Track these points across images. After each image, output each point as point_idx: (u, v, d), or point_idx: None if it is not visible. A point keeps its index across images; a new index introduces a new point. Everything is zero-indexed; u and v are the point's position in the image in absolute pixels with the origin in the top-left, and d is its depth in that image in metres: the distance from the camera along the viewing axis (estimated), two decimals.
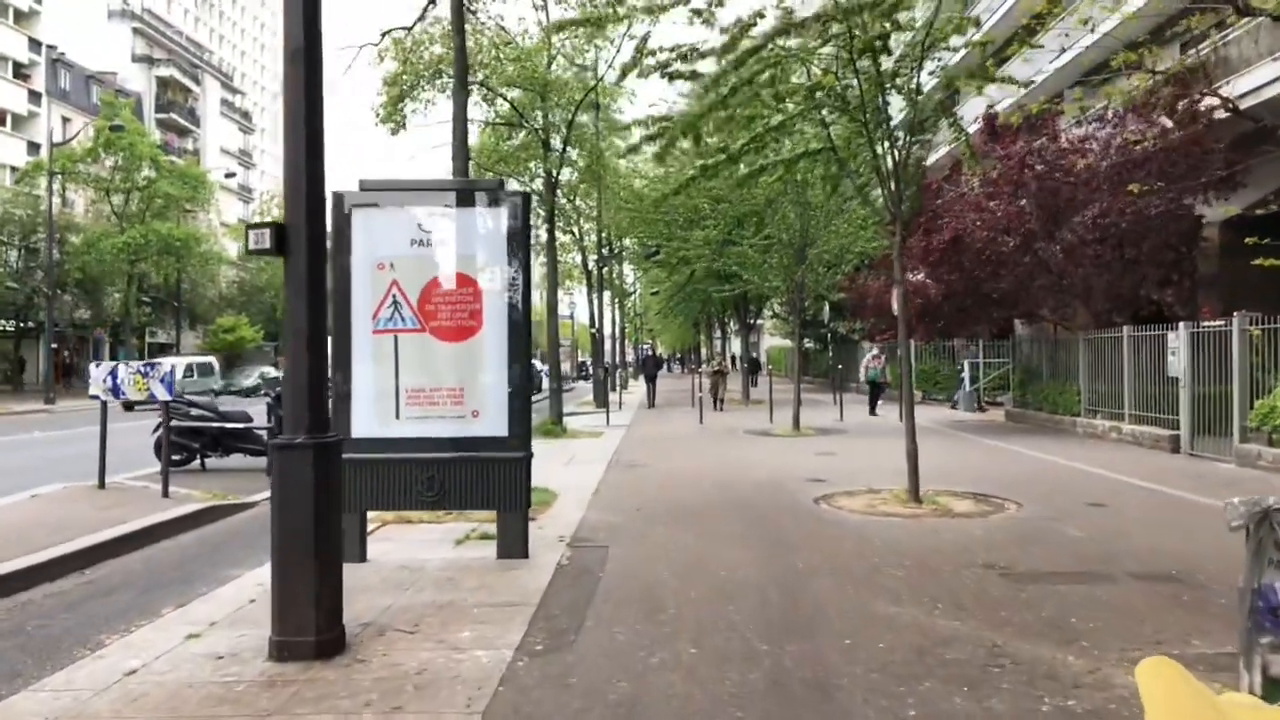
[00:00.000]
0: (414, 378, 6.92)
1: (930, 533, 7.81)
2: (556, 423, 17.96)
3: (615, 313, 43.71)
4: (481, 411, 6.92)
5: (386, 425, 6.90)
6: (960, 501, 9.54)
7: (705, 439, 17.00)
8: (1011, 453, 13.98)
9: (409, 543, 7.69)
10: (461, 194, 7.16)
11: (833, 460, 13.23)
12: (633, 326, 62.73)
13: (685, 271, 29.89)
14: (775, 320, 39.67)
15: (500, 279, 6.96)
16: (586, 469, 12.50)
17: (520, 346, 6.98)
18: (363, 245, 6.93)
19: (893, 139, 9.47)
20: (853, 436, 16.95)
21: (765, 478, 11.38)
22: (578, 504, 9.55)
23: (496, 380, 6.94)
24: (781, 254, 17.67)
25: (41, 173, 36.75)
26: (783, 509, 9.08)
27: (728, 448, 15.32)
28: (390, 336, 6.91)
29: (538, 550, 7.18)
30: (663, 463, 13.21)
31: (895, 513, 8.88)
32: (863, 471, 11.80)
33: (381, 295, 6.90)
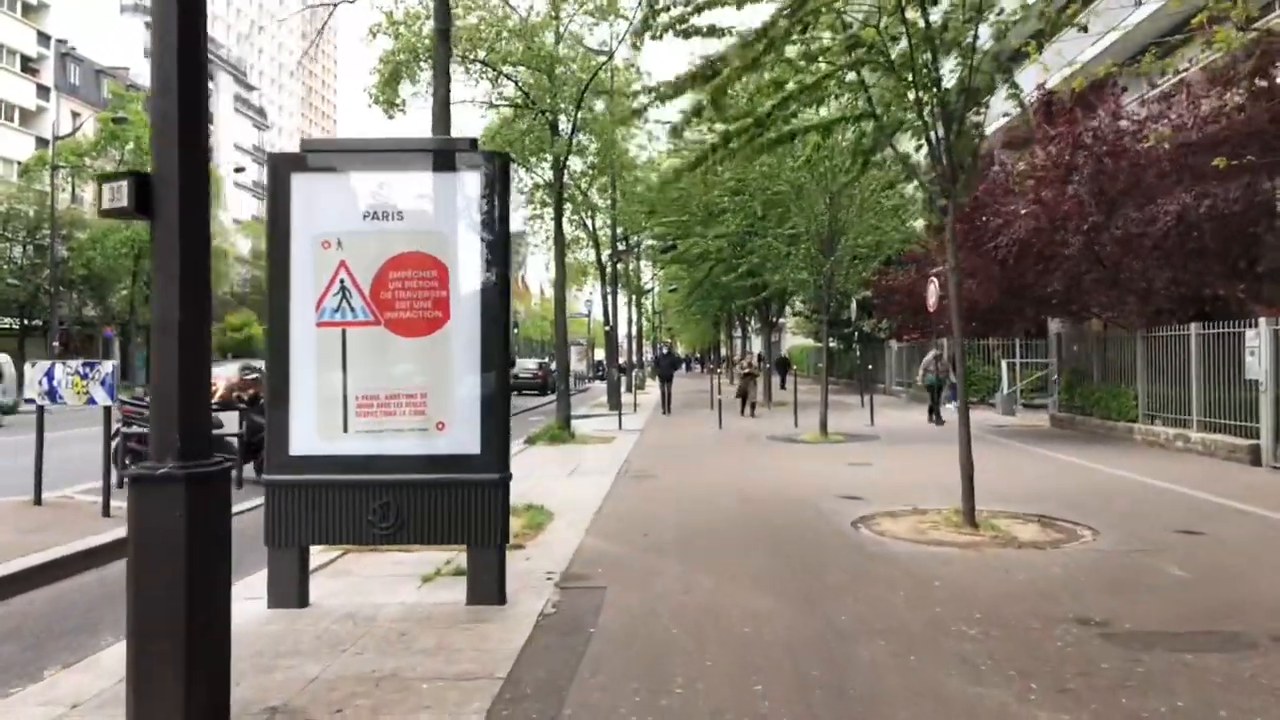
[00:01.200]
0: (366, 381, 5.63)
1: (998, 571, 6.42)
2: (564, 427, 16.66)
3: (632, 310, 42.36)
4: (449, 423, 5.62)
5: (331, 440, 5.60)
6: (1023, 526, 8.14)
7: (724, 446, 15.63)
8: (1065, 463, 12.54)
9: (367, 579, 6.40)
10: (425, 156, 5.84)
11: (868, 472, 11.84)
12: (651, 325, 61.43)
13: (704, 267, 28.56)
14: (798, 319, 38.15)
15: (473, 259, 5.65)
16: (591, 481, 11.18)
17: (497, 342, 5.67)
18: (304, 218, 5.64)
19: (945, 103, 8.08)
20: (886, 444, 15.54)
21: (793, 493, 10.01)
22: (576, 527, 8.23)
23: (468, 384, 5.63)
24: (809, 245, 16.26)
25: (45, 167, 35.87)
26: (816, 535, 7.71)
27: (749, 456, 13.95)
28: (337, 330, 5.62)
29: (519, 592, 5.87)
30: (677, 474, 11.86)
31: (949, 541, 7.49)
32: (903, 486, 10.41)
33: (327, 280, 5.61)
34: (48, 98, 47.41)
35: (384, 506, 5.55)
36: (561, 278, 17.22)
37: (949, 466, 12.44)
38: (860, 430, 17.83)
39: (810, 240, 16.23)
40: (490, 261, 5.66)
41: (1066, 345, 18.76)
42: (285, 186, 5.64)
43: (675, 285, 42.33)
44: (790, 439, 16.48)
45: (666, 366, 26.83)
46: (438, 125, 8.11)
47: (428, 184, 5.75)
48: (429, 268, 5.63)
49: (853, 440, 16.07)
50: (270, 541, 5.58)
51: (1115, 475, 11.25)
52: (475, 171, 5.68)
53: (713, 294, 31.51)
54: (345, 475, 5.59)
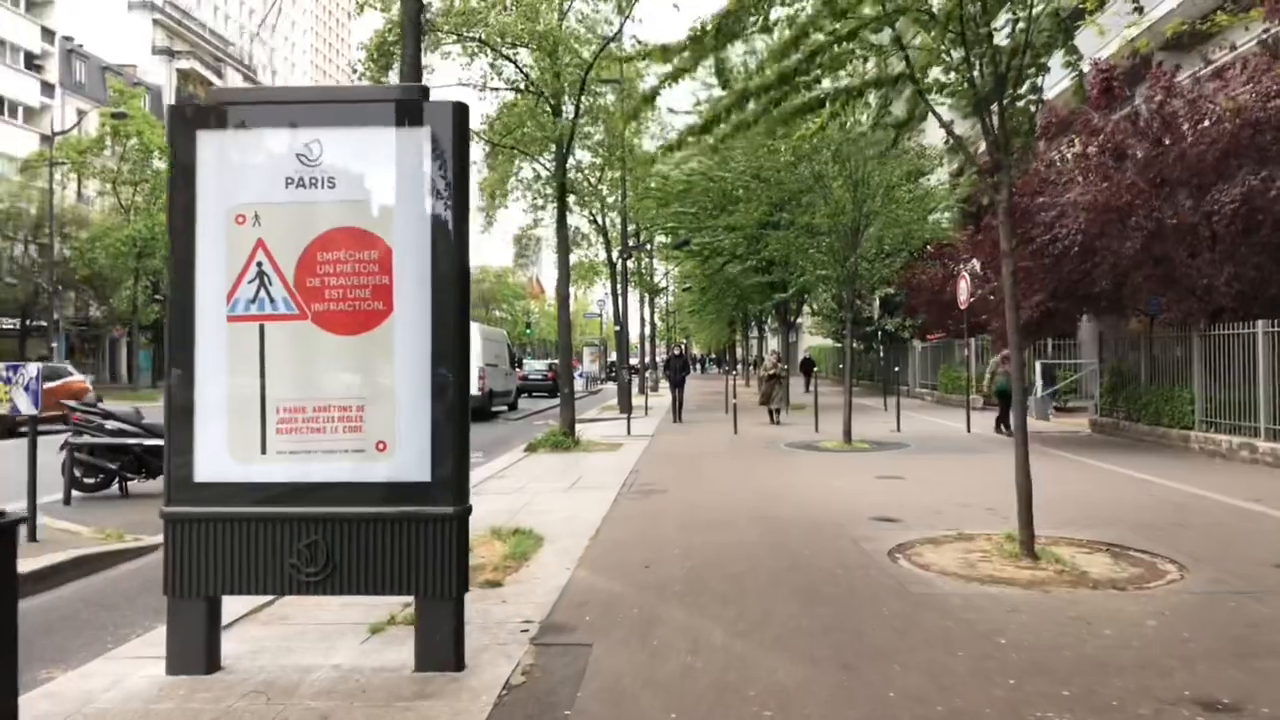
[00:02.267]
0: (289, 390, 4.49)
1: (1077, 624, 5.21)
2: (567, 433, 15.51)
3: (645, 310, 41.19)
4: (391, 443, 4.47)
5: (247, 463, 4.47)
6: (1090, 557, 6.92)
7: (740, 455, 14.43)
8: (1118, 476, 11.27)
9: (304, 628, 5.26)
10: (364, 109, 4.69)
11: (900, 488, 10.62)
12: (665, 325, 60.25)
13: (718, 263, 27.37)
14: (817, 318, 36.87)
15: (423, 236, 4.50)
16: (591, 498, 10.01)
17: (453, 340, 4.51)
18: (213, 187, 4.51)
19: (996, 61, 6.88)
20: (916, 453, 14.29)
21: (819, 514, 8.81)
22: (567, 556, 7.06)
23: (416, 394, 4.48)
24: (832, 238, 15.04)
25: (44, 163, 35.10)
26: (848, 571, 6.51)
27: (767, 467, 12.75)
28: (253, 326, 4.48)
29: (483, 652, 4.72)
30: (687, 489, 10.68)
31: (1007, 578, 6.29)
32: (942, 505, 9.20)
33: (241, 263, 4.48)
34: (52, 95, 46.71)
35: (311, 547, 4.42)
36: (565, 273, 16.07)
37: (990, 480, 11.26)
38: (886, 437, 16.59)
39: (833, 233, 15.01)
40: (445, 238, 4.51)
41: (1109, 345, 17.43)
42: (189, 146, 4.51)
43: (689, 283, 41.18)
44: (811, 446, 15.26)
45: (677, 370, 24.00)
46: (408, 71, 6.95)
47: (367, 142, 4.59)
48: (368, 247, 4.49)
49: (879, 449, 14.83)
50: (170, 590, 4.45)
51: (1180, 491, 9.98)
52: (426, 127, 4.53)
53: (727, 292, 30.33)
54: (263, 507, 4.45)
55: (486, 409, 23.75)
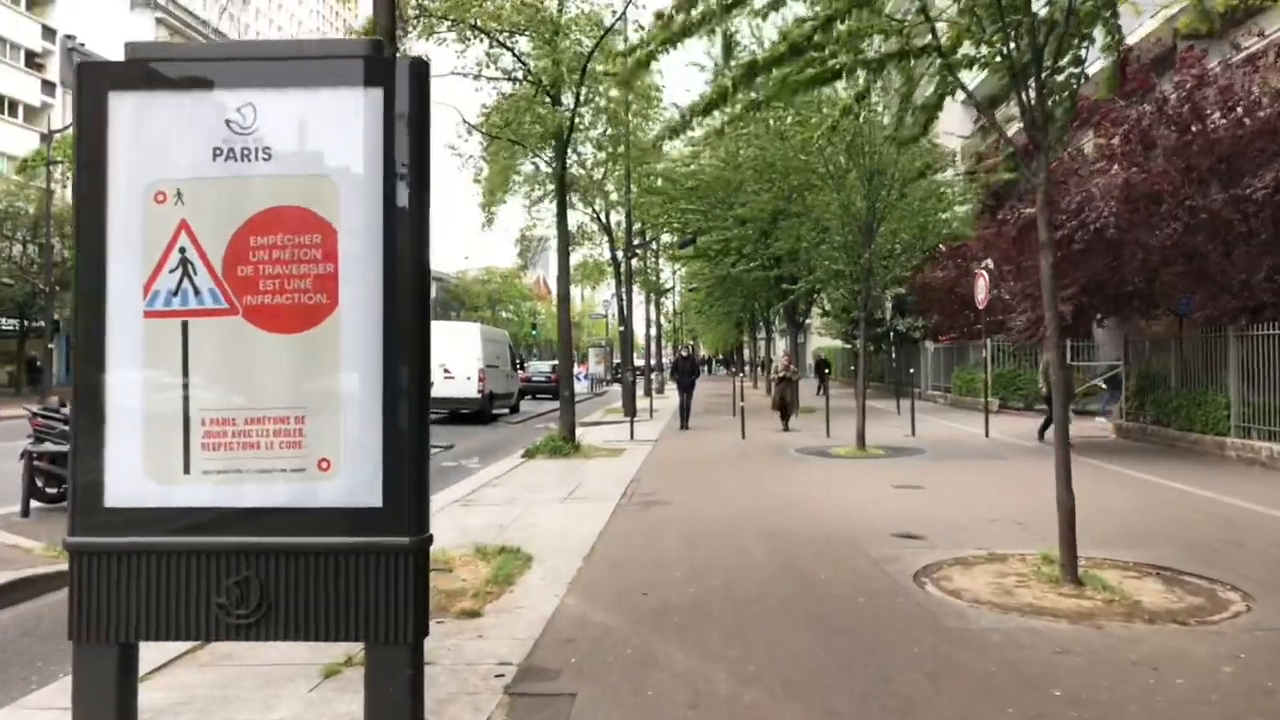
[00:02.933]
0: (217, 398, 3.80)
1: (1141, 669, 4.49)
2: (567, 439, 14.82)
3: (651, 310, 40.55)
4: (337, 460, 3.78)
5: (167, 484, 3.78)
6: (1141, 583, 6.20)
7: (748, 461, 13.71)
8: (1154, 486, 10.54)
9: (247, 671, 4.58)
10: (306, 67, 4.00)
11: (920, 499, 9.90)
12: (671, 326, 59.55)
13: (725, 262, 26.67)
14: (826, 319, 36.13)
15: (374, 218, 3.81)
16: (588, 510, 9.31)
17: (412, 340, 3.82)
18: (129, 158, 3.82)
19: (1035, 31, 6.18)
20: (934, 460, 13.55)
21: (834, 529, 8.10)
22: (557, 579, 6.37)
23: (366, 403, 3.79)
24: (845, 232, 14.31)
25: (42, 162, 34.58)
26: (870, 598, 5.80)
27: (777, 475, 12.03)
28: (174, 322, 3.80)
29: (449, 704, 4.04)
30: (691, 499, 9.98)
31: (1050, 608, 5.57)
32: (968, 520, 8.48)
33: (161, 248, 3.79)
34: (53, 93, 46.26)
35: (242, 585, 3.73)
36: (565, 272, 15.38)
37: (1017, 491, 10.55)
38: (901, 442, 15.86)
39: (846, 228, 14.28)
40: (402, 220, 3.82)
41: (1135, 347, 16.67)
42: (100, 111, 3.83)
43: (696, 284, 40.50)
44: (823, 452, 14.54)
45: (686, 372, 21.74)
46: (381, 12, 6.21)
47: (310, 107, 3.90)
48: (310, 230, 3.79)
49: (895, 455, 14.10)
50: (75, 634, 3.76)
51: (1225, 504, 9.24)
52: (379, 89, 3.84)
53: (735, 292, 29.64)
54: (186, 537, 3.76)
55: (487, 412, 23.11)
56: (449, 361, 22.35)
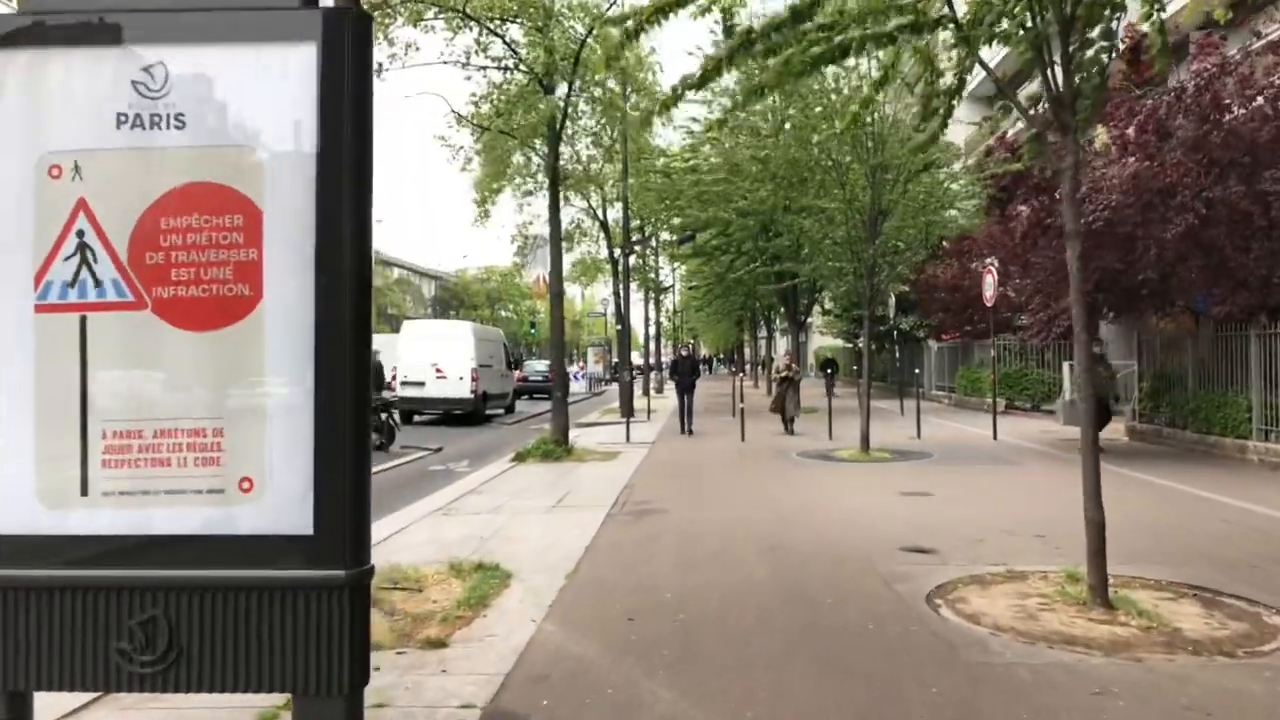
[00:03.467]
0: (121, 406, 3.25)
1: (1193, 714, 3.93)
2: (560, 442, 14.25)
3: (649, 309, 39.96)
4: (261, 480, 3.23)
5: (61, 508, 3.22)
6: (1178, 606, 5.64)
7: (748, 466, 13.15)
8: (1176, 493, 9.98)
9: (169, 716, 4.03)
10: (225, 17, 3.43)
11: (930, 507, 9.34)
12: (671, 325, 58.99)
13: (724, 260, 26.12)
14: (827, 318, 35.56)
15: (305, 196, 3.25)
16: (577, 520, 8.75)
17: (347, 336, 3.26)
18: (18, 125, 3.28)
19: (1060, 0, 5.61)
20: (941, 464, 12.98)
21: (840, 542, 7.54)
22: (535, 602, 5.81)
23: (295, 413, 3.23)
24: (849, 227, 13.73)
25: None
26: (881, 626, 5.24)
27: (779, 482, 11.47)
28: (72, 318, 3.24)
29: None
30: (687, 508, 9.41)
31: (1082, 636, 5.01)
32: (981, 530, 7.92)
33: (56, 232, 3.24)
34: None
35: (147, 626, 3.18)
36: (558, 267, 14.80)
37: (1032, 498, 9.99)
38: (906, 445, 15.29)
39: (850, 223, 13.71)
40: (338, 200, 3.26)
41: (1148, 346, 16.10)
42: None
43: (696, 282, 39.94)
44: (826, 456, 13.98)
45: (686, 372, 19.64)
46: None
47: (230, 66, 3.34)
48: (230, 210, 3.24)
49: (900, 458, 13.54)
50: None
51: (1256, 514, 8.68)
52: (311, 44, 3.28)
53: (735, 290, 29.09)
54: (83, 570, 3.21)
55: (480, 412, 22.53)
56: (441, 361, 21.81)
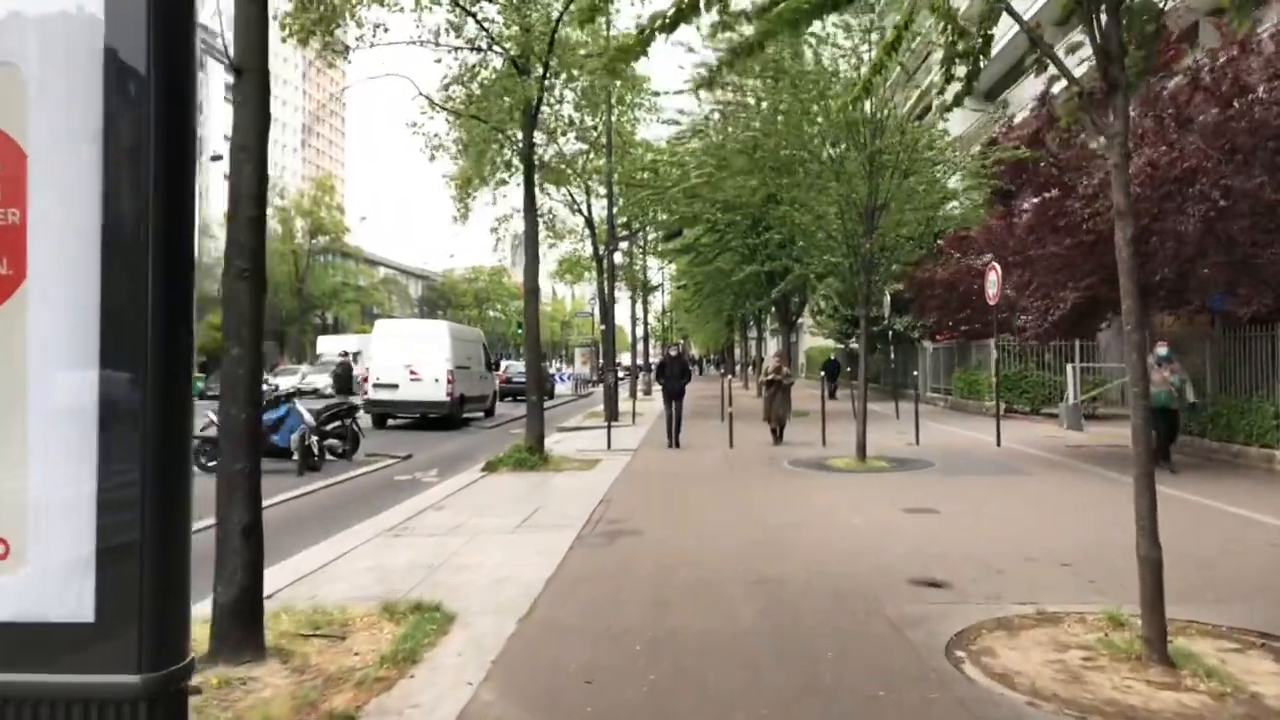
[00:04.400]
0: None
1: None
2: (534, 449, 13.26)
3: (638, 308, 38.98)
4: (14, 543, 2.23)
5: None
6: (1248, 661, 4.69)
7: (736, 476, 12.17)
8: (1210, 510, 9.05)
9: None
10: None
11: (937, 527, 8.38)
12: (661, 325, 58.01)
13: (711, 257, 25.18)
14: (820, 318, 34.62)
15: (90, 141, 2.25)
16: (541, 544, 7.75)
17: (153, 329, 2.26)
18: None
19: None
20: (945, 475, 12.03)
21: (839, 573, 6.57)
22: (477, 656, 4.81)
23: (69, 437, 2.24)
24: (845, 219, 12.77)
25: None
26: (894, 692, 4.26)
27: (770, 495, 10.49)
28: None
29: None
30: (666, 529, 8.43)
31: (1143, 707, 4.06)
32: (999, 555, 6.97)
33: None
34: None
35: None
36: (534, 262, 13.78)
37: (1048, 516, 9.03)
38: (905, 452, 14.36)
39: (846, 215, 12.75)
40: (140, 138, 2.26)
41: None
42: None
43: (684, 281, 38.99)
44: (820, 465, 13.02)
45: (675, 376, 16.33)
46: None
47: None
48: None
49: (900, 468, 12.59)
50: None
51: None
52: None
53: (723, 289, 28.15)
54: None
55: (457, 416, 21.49)
56: (415, 362, 20.77)
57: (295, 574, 6.69)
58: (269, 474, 13.16)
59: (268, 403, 14.10)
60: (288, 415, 13.27)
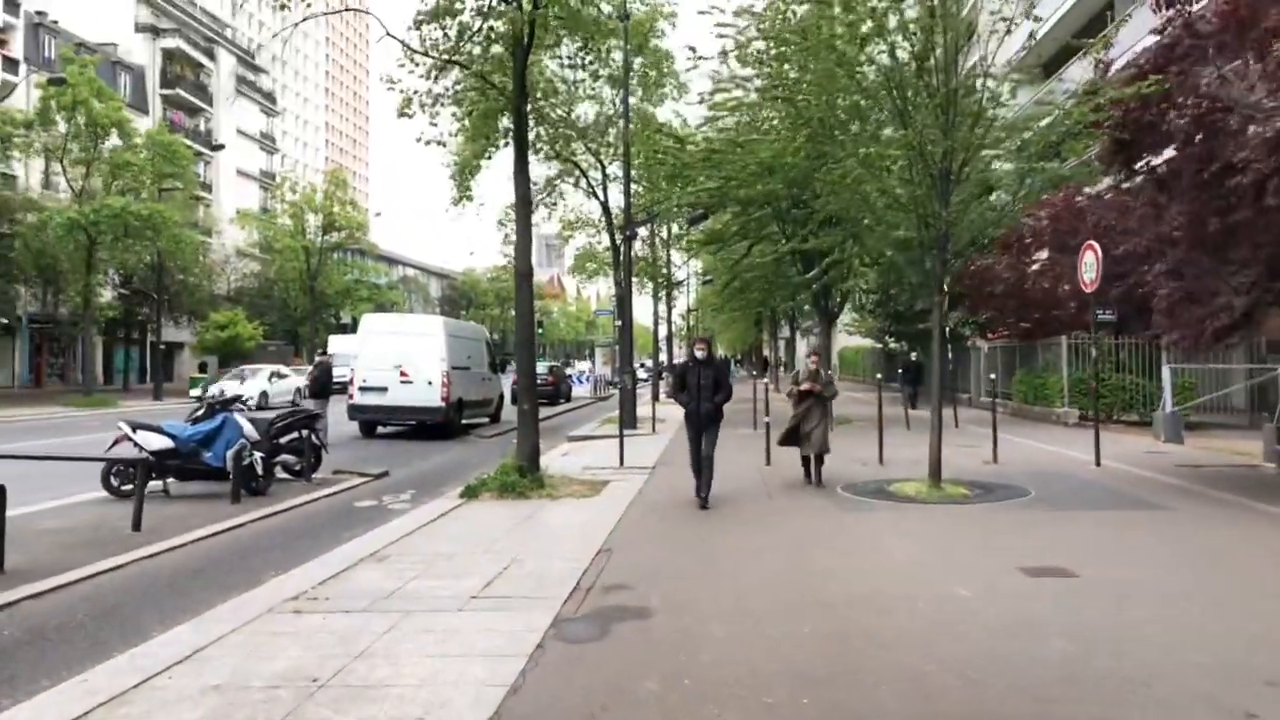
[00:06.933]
0: None
1: None
2: (526, 469, 10.71)
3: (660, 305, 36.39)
4: None
5: None
6: None
7: (777, 511, 9.47)
8: None
9: None
10: None
11: (1083, 602, 5.71)
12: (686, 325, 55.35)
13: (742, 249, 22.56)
14: (859, 313, 31.81)
15: None
16: (496, 636, 5.14)
17: None
18: None
19: None
20: (1051, 507, 9.31)
21: (959, 712, 3.94)
22: None
23: None
24: (915, 184, 10.09)
25: None
26: None
27: (826, 546, 7.78)
28: None
29: None
30: (685, 603, 5.79)
31: None
32: (1212, 669, 4.32)
33: None
34: (16, 71, 42.56)
35: None
36: (525, 240, 11.19)
37: (1235, 585, 6.25)
38: (984, 473, 11.67)
39: (917, 176, 10.07)
40: None
41: None
42: None
43: (711, 277, 36.34)
44: (884, 491, 10.34)
45: (706, 386, 9.56)
46: None
47: None
48: None
49: (986, 495, 9.91)
50: None
51: None
52: None
53: (752, 286, 25.49)
54: None
55: (454, 423, 18.83)
56: (406, 362, 18.21)
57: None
58: (197, 500, 10.97)
59: (200, 414, 11.66)
60: (223, 427, 10.77)
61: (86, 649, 5.40)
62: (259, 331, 46.21)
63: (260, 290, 53.60)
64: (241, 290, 52.52)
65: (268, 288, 53.07)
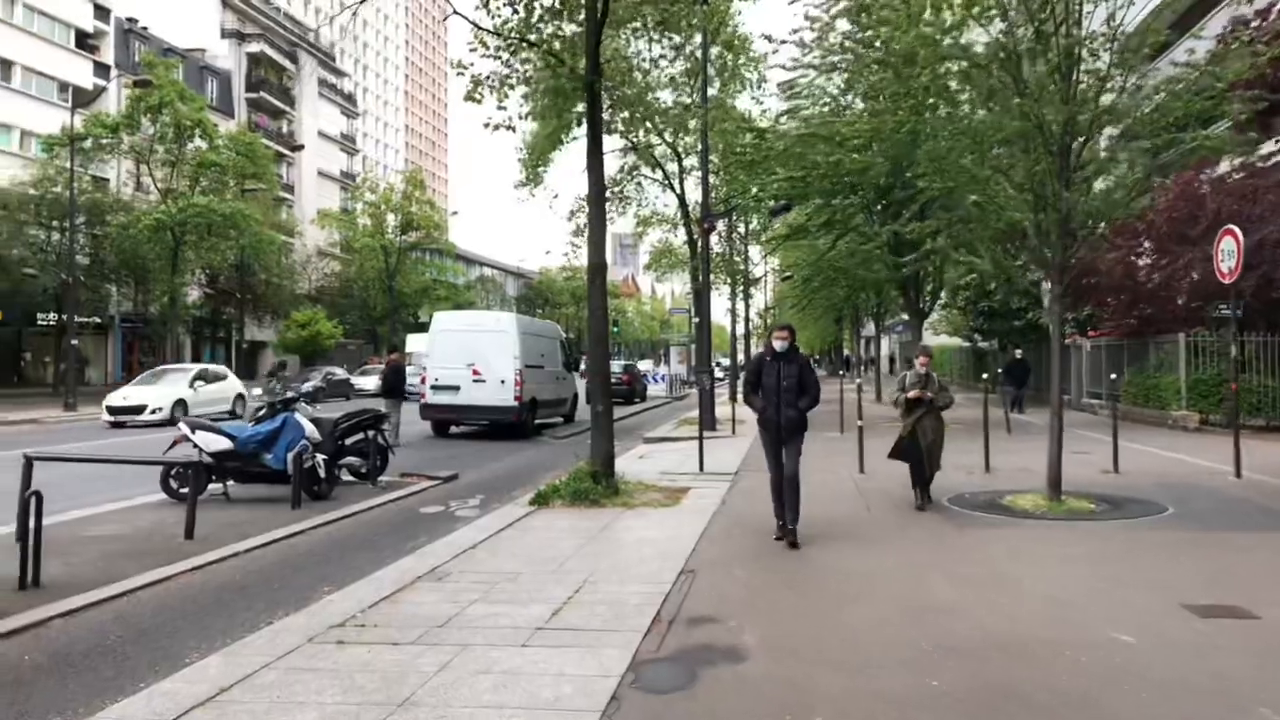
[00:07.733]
0: None
1: None
2: (600, 475, 9.96)
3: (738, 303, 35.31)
4: None
5: None
6: None
7: (879, 527, 8.50)
8: None
9: None
10: None
11: (1267, 648, 4.67)
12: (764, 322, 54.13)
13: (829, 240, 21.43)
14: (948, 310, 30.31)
15: None
16: (564, 681, 4.37)
17: None
18: None
19: None
20: (1196, 527, 8.16)
21: None
22: None
23: None
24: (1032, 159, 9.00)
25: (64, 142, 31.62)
26: None
27: (944, 571, 6.78)
28: None
29: None
30: (785, 644, 4.93)
31: None
32: None
33: None
34: (107, 76, 43.76)
35: None
36: (600, 232, 10.43)
37: None
38: (1106, 484, 10.51)
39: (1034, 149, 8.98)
40: None
41: None
42: None
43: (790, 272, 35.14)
44: (996, 504, 9.29)
45: (789, 389, 7.54)
46: None
47: None
48: None
49: (1114, 511, 8.78)
50: None
51: None
52: None
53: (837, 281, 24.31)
54: None
55: (528, 424, 18.17)
56: (479, 360, 17.63)
57: None
58: (257, 504, 10.45)
59: (261, 413, 11.19)
60: (284, 428, 10.24)
61: (110, 679, 4.82)
62: (339, 330, 46.70)
63: (340, 289, 54.34)
64: (322, 289, 53.29)
65: (348, 287, 53.72)
